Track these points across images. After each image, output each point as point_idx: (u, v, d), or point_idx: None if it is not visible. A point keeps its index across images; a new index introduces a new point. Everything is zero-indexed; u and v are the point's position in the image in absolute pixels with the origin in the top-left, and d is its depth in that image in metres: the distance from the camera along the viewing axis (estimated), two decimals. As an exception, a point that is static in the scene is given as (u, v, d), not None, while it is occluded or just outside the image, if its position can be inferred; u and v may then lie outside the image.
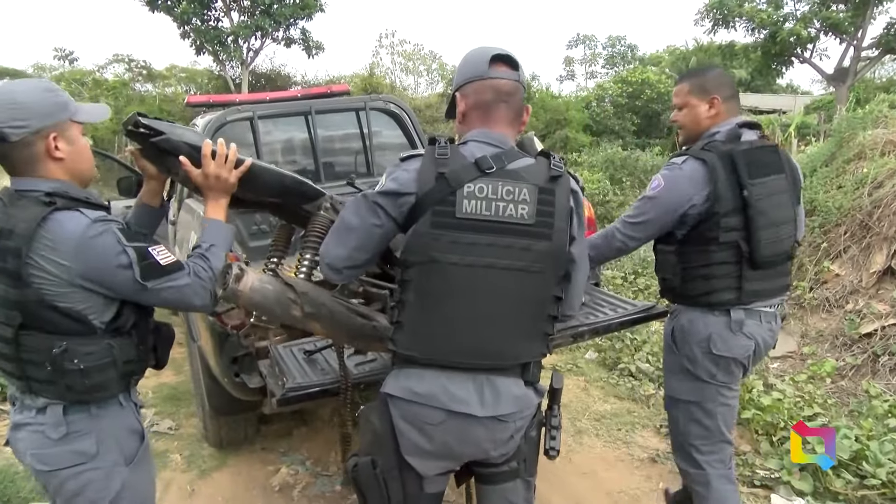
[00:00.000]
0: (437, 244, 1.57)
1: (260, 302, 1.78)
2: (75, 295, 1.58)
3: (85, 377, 1.62)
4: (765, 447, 3.36)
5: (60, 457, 1.66)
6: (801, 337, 4.85)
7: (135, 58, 26.93)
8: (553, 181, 1.61)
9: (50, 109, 1.61)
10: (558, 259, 1.63)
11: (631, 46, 44.95)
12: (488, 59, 1.68)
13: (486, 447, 1.67)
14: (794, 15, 19.28)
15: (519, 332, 1.64)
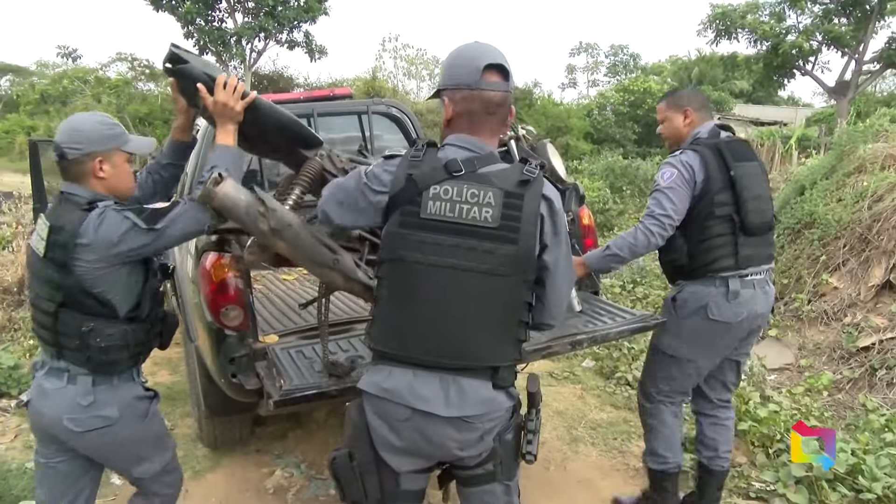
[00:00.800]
0: (405, 243, 1.63)
1: (231, 207, 1.90)
2: (108, 278, 1.94)
3: (103, 353, 1.98)
4: (761, 459, 3.35)
5: (90, 421, 2.01)
6: (799, 349, 4.85)
7: (138, 57, 27.06)
8: (522, 186, 1.62)
9: (101, 139, 2.01)
10: (525, 264, 1.64)
11: (633, 55, 45.17)
12: (481, 67, 1.67)
13: (452, 447, 1.68)
14: (797, 28, 19.35)
15: (485, 334, 1.65)
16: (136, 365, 2.12)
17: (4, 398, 4.34)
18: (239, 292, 2.57)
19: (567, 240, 1.73)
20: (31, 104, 25.46)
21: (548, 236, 1.67)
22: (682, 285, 2.73)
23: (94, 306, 1.96)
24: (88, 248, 1.89)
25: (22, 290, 5.78)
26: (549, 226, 1.67)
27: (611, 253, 2.67)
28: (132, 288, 2.02)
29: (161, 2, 21.31)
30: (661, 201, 2.58)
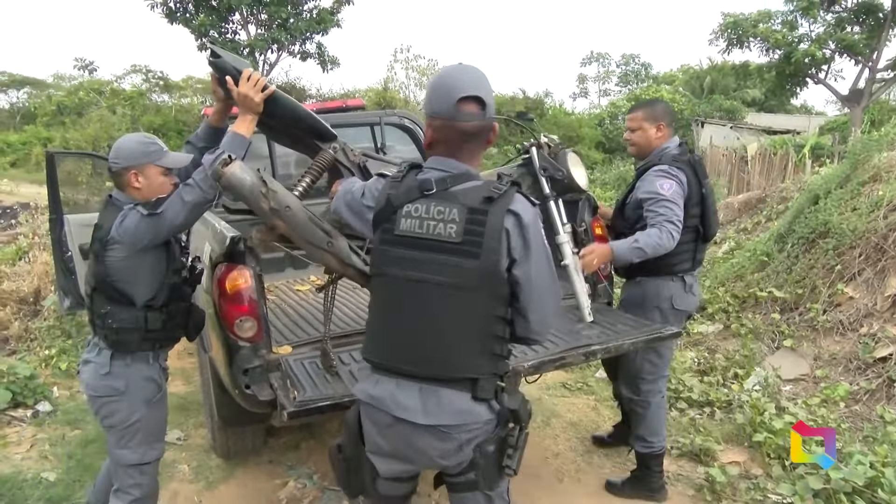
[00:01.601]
0: (384, 258, 1.78)
1: (236, 185, 2.16)
2: (128, 274, 2.33)
3: (115, 334, 2.36)
4: (776, 471, 3.31)
5: (102, 388, 2.40)
6: (814, 360, 4.79)
7: (152, 68, 27.34)
8: (487, 202, 1.68)
9: (136, 155, 2.37)
10: (491, 279, 1.68)
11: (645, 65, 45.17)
12: (456, 100, 1.73)
13: (432, 455, 1.75)
14: (809, 36, 19.28)
15: (458, 346, 1.71)
16: (152, 350, 2.46)
17: (21, 408, 4.37)
18: (253, 303, 2.58)
19: (546, 254, 1.76)
20: (48, 116, 25.72)
21: (516, 251, 1.69)
22: (642, 282, 3.15)
23: (114, 294, 2.36)
24: (117, 243, 2.29)
25: (38, 301, 5.83)
26: (518, 240, 1.69)
27: (638, 247, 2.86)
28: (151, 282, 2.38)
29: (175, 14, 21.49)
30: (674, 209, 2.88)
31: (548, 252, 1.77)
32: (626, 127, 3.22)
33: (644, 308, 3.15)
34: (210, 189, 2.25)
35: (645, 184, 3.00)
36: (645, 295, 3.15)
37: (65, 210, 3.86)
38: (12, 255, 7.06)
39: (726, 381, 4.59)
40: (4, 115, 30.35)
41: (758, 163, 14.31)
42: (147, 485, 2.53)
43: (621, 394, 3.35)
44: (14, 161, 23.02)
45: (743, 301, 5.66)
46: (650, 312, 3.13)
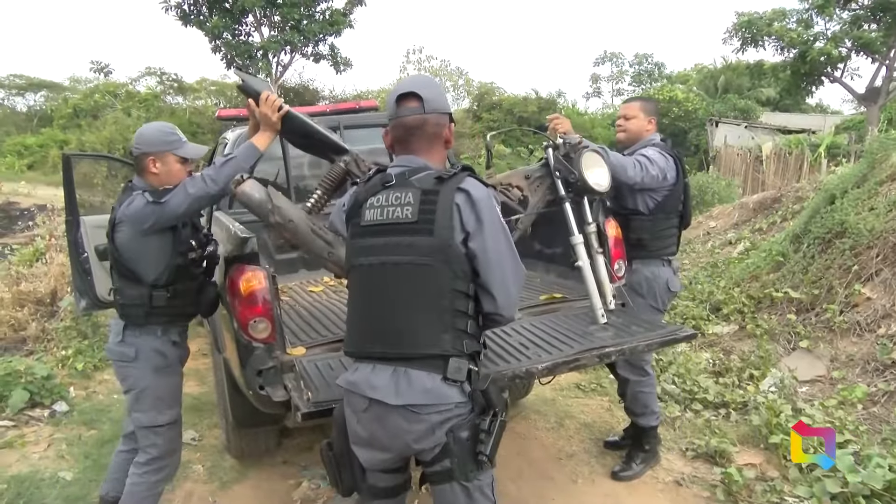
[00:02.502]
0: (353, 250, 1.93)
1: (247, 201, 2.45)
2: (137, 253, 2.56)
3: (122, 308, 2.65)
4: (793, 474, 3.28)
5: (116, 353, 2.68)
6: (831, 361, 4.74)
7: (166, 71, 27.51)
8: (438, 183, 1.82)
9: (156, 143, 2.61)
10: (445, 252, 1.77)
11: (658, 64, 44.90)
12: (395, 99, 1.94)
13: (405, 439, 1.81)
14: (825, 34, 19.09)
15: (422, 322, 1.79)
16: (161, 324, 2.67)
17: (38, 408, 4.41)
18: (267, 305, 2.58)
19: (502, 229, 1.84)
20: (64, 118, 25.94)
21: (469, 224, 1.79)
22: (638, 268, 3.36)
23: (124, 271, 2.61)
24: (123, 224, 2.53)
25: (55, 302, 5.88)
26: (469, 214, 1.79)
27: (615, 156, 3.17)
28: (157, 262, 2.59)
29: (189, 17, 21.63)
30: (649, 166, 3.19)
31: (505, 229, 1.86)
32: (621, 115, 3.49)
33: (647, 294, 3.36)
34: (213, 185, 2.49)
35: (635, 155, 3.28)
36: (644, 280, 3.36)
37: (81, 212, 3.88)
38: (30, 256, 7.12)
39: (741, 383, 4.55)
40: (22, 118, 30.60)
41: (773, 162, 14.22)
42: (162, 445, 2.74)
43: (627, 379, 3.47)
44: (31, 163, 23.24)
45: (758, 301, 5.62)
46: (651, 298, 3.36)
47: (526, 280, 3.80)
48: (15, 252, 7.75)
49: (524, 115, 24.29)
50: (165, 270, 2.61)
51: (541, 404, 4.42)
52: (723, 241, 8.21)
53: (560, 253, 3.51)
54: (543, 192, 3.15)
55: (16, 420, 4.24)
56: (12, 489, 3.40)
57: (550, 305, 3.33)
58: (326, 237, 2.49)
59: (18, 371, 4.46)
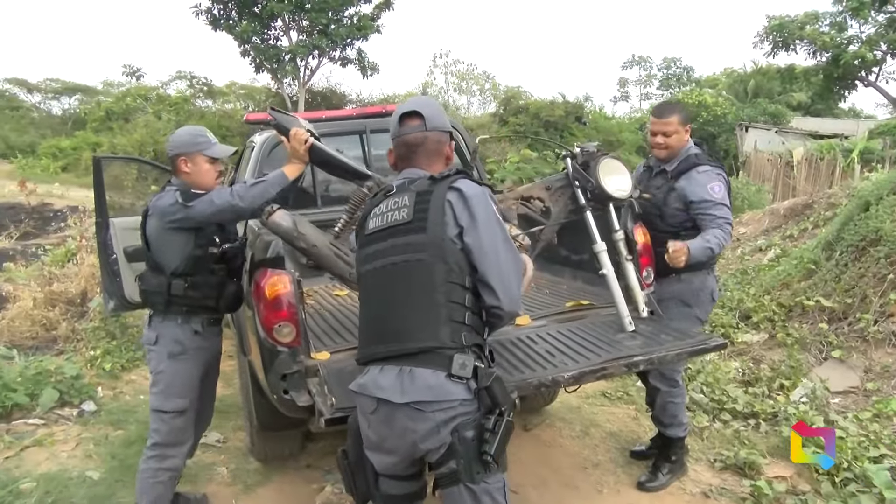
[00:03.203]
0: (361, 260, 2.01)
1: (275, 229, 2.75)
2: (163, 244, 2.76)
3: (143, 294, 2.88)
4: (826, 488, 3.20)
5: (144, 338, 2.91)
6: (865, 372, 4.64)
7: (196, 75, 27.81)
8: (432, 184, 1.91)
9: (186, 144, 2.81)
10: (439, 247, 1.83)
11: (687, 68, 44.47)
12: (398, 119, 2.05)
13: (412, 438, 1.82)
14: (859, 37, 18.80)
15: (418, 315, 1.83)
16: (181, 314, 2.81)
17: (67, 407, 4.46)
18: (291, 309, 2.58)
19: (497, 224, 1.90)
20: (97, 121, 26.32)
21: (462, 219, 1.85)
22: (686, 278, 3.23)
23: (149, 260, 2.83)
24: (153, 216, 2.75)
25: (85, 302, 5.96)
26: (462, 210, 1.85)
27: (710, 247, 3.00)
28: (178, 254, 2.76)
29: (219, 21, 21.91)
30: (726, 211, 3.10)
31: (500, 223, 1.91)
32: (659, 132, 3.24)
33: (696, 304, 3.28)
34: (239, 201, 2.71)
35: (694, 186, 3.13)
36: (694, 291, 3.26)
37: (110, 214, 3.94)
38: (61, 257, 7.25)
39: (772, 393, 4.47)
40: (57, 122, 31.16)
41: (804, 168, 14.00)
42: (164, 432, 2.86)
43: (657, 389, 3.38)
44: (65, 165, 23.62)
45: (789, 310, 5.52)
46: (699, 308, 3.28)
47: (552, 286, 3.78)
48: (48, 252, 7.90)
49: (550, 119, 24.17)
50: (184, 261, 2.77)
51: (566, 412, 4.38)
52: (753, 247, 8.08)
53: (587, 259, 3.46)
54: (565, 201, 3.13)
55: (45, 419, 4.29)
56: (41, 487, 3.44)
57: (577, 312, 3.29)
58: (348, 259, 2.74)
59: (49, 371, 4.53)
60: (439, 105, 2.15)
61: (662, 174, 3.29)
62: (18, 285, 6.68)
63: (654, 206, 3.26)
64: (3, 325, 5.77)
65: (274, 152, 4.19)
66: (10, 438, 3.98)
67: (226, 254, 2.89)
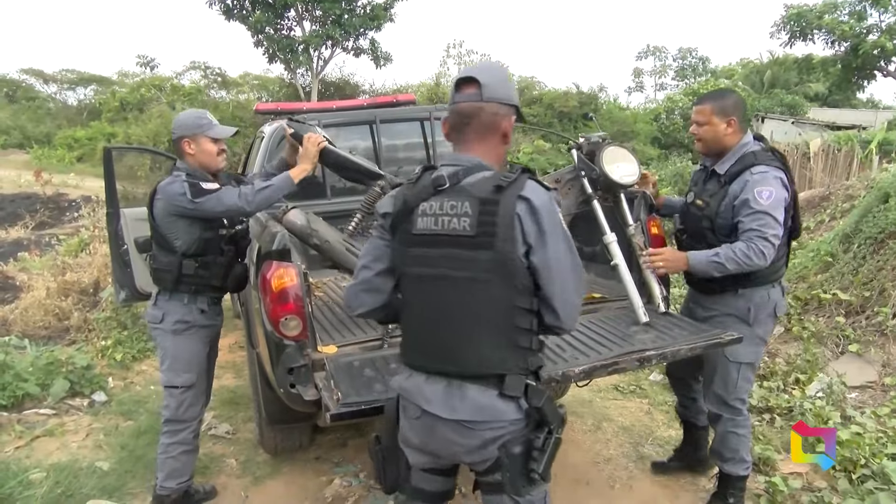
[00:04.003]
0: (404, 258, 1.81)
1: (290, 227, 2.91)
2: (169, 225, 2.83)
3: (153, 273, 2.94)
4: (843, 485, 3.14)
5: (149, 315, 3.00)
6: (883, 366, 4.56)
7: (210, 65, 27.91)
8: (497, 191, 1.67)
9: (189, 126, 2.91)
10: (507, 268, 1.66)
11: (702, 58, 44.08)
12: (454, 85, 1.83)
13: (455, 450, 1.76)
14: (879, 27, 18.53)
15: (482, 342, 1.70)
16: (189, 293, 2.91)
17: (78, 397, 4.48)
18: (298, 302, 2.56)
19: (564, 239, 1.71)
20: (112, 112, 26.47)
21: (530, 236, 1.66)
22: (745, 293, 2.82)
23: (159, 239, 2.89)
24: (159, 199, 2.82)
25: (97, 292, 5.98)
26: (531, 225, 1.66)
27: (717, 261, 2.65)
28: (189, 233, 2.85)
29: (233, 11, 21.93)
30: (771, 223, 2.60)
31: (567, 237, 1.73)
32: (693, 120, 2.92)
33: (755, 322, 2.83)
34: (247, 205, 2.80)
35: (741, 190, 2.70)
36: (753, 307, 2.82)
37: (122, 204, 3.93)
38: (75, 247, 7.29)
39: (787, 387, 4.40)
40: (72, 112, 31.37)
41: (821, 159, 13.80)
42: (173, 407, 2.97)
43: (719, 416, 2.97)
44: (80, 156, 23.80)
45: (805, 303, 5.44)
46: (759, 326, 2.84)
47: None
48: (62, 242, 7.94)
49: (565, 110, 24.06)
50: (195, 242, 2.87)
51: (578, 406, 4.34)
52: (768, 239, 7.97)
53: (599, 252, 3.40)
54: (576, 194, 3.08)
55: (57, 409, 4.31)
56: (51, 477, 3.44)
57: (589, 305, 3.24)
58: (356, 252, 2.87)
59: (60, 361, 4.55)
60: (505, 73, 1.87)
61: (716, 178, 2.86)
62: (33, 275, 6.74)
63: (706, 217, 2.84)
64: (16, 315, 5.81)
65: (283, 142, 4.16)
66: (21, 428, 3.99)
67: (235, 235, 3.02)
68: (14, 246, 9.06)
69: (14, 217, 11.73)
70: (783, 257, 2.84)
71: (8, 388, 4.24)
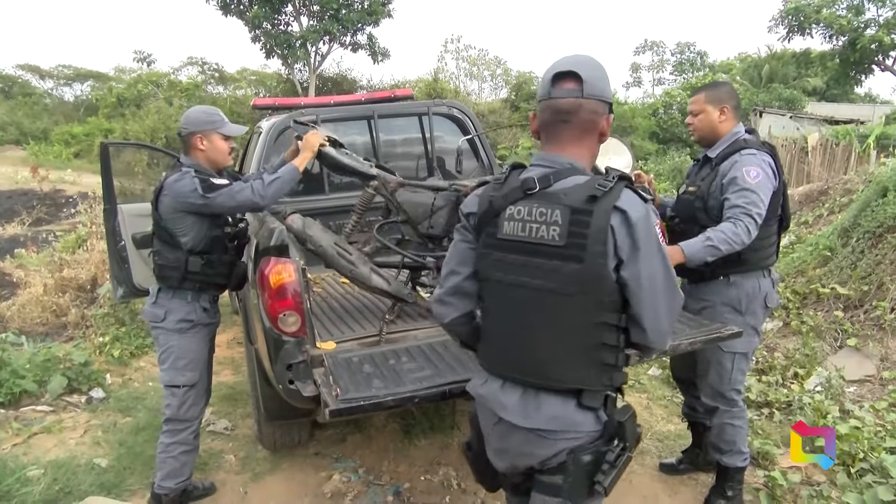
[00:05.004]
0: (487, 262, 1.74)
1: (290, 229, 2.90)
2: (175, 222, 2.82)
3: (159, 269, 2.91)
4: (841, 479, 3.15)
5: (149, 314, 2.97)
6: (881, 360, 4.57)
7: (208, 60, 27.84)
8: (591, 201, 1.57)
9: (201, 122, 2.92)
10: (594, 283, 1.58)
11: (700, 53, 43.98)
12: (551, 78, 1.70)
13: (529, 459, 1.73)
14: (877, 21, 18.52)
15: (562, 356, 1.64)
16: (193, 290, 2.91)
17: (76, 394, 4.47)
18: (297, 297, 2.55)
19: (660, 254, 1.61)
20: (109, 108, 26.42)
21: (623, 251, 1.56)
22: (737, 281, 2.88)
23: (164, 235, 2.87)
24: (166, 195, 2.80)
25: (94, 288, 5.97)
26: (625, 239, 1.56)
27: (712, 244, 2.64)
28: (196, 231, 2.86)
29: (230, 7, 21.87)
30: (757, 202, 2.66)
31: (663, 253, 1.63)
32: (689, 111, 3.03)
33: (747, 311, 2.87)
34: (260, 199, 2.84)
35: (732, 168, 2.75)
36: (745, 296, 2.87)
37: (119, 200, 3.92)
38: (72, 243, 7.27)
39: (786, 382, 4.40)
40: (69, 108, 31.32)
41: (819, 154, 13.81)
42: (175, 407, 2.96)
43: (715, 408, 2.99)
44: (77, 152, 23.73)
45: (804, 297, 5.44)
46: (751, 315, 2.88)
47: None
48: (59, 239, 7.91)
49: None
50: (203, 239, 2.88)
51: (576, 400, 4.33)
52: (767, 234, 7.98)
53: None
54: None
55: (54, 405, 4.30)
56: (49, 474, 3.43)
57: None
58: (349, 258, 3.04)
59: (57, 357, 4.54)
60: (603, 67, 1.74)
61: (708, 163, 2.93)
62: (30, 271, 6.72)
63: (698, 198, 2.88)
64: (13, 312, 5.81)
65: (281, 138, 4.16)
66: (18, 425, 3.98)
67: (238, 233, 3.08)
68: (11, 242, 9.04)
69: (11, 213, 11.71)
70: (772, 245, 2.90)
71: (5, 384, 4.23)
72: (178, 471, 3.00)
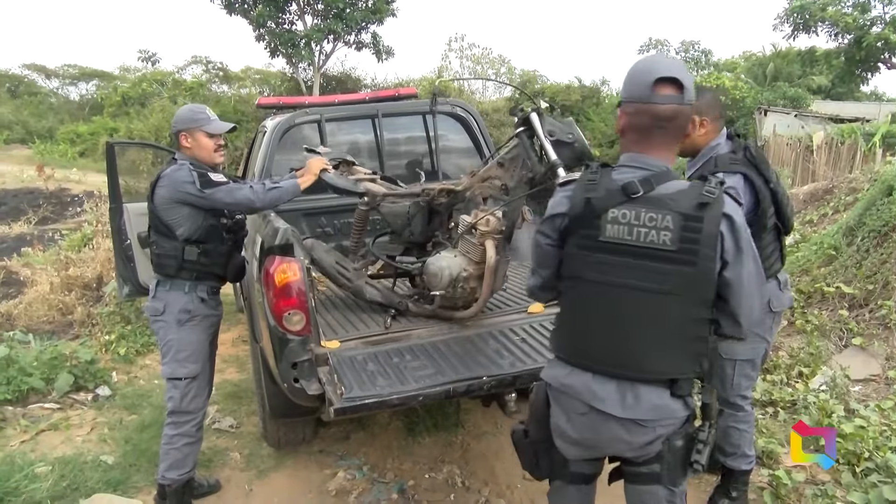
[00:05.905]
0: (583, 264, 1.76)
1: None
2: (170, 212, 2.86)
3: (157, 259, 2.94)
4: (846, 478, 3.14)
5: (149, 308, 3.01)
6: (886, 360, 4.56)
7: (212, 59, 27.81)
8: (701, 208, 1.65)
9: (186, 121, 2.98)
10: (703, 284, 1.68)
11: (705, 51, 43.69)
12: (652, 81, 1.69)
13: (621, 447, 1.80)
14: (883, 18, 18.44)
15: (662, 350, 1.72)
16: (190, 279, 2.94)
17: (82, 391, 4.49)
18: (301, 296, 2.56)
19: (753, 252, 1.72)
20: (114, 107, 26.42)
21: (728, 253, 1.68)
22: None
23: (160, 226, 2.91)
24: (162, 186, 2.85)
25: (100, 286, 5.99)
26: (730, 242, 1.67)
27: None
28: (192, 221, 2.89)
29: (234, 6, 21.86)
30: None
31: (755, 251, 1.74)
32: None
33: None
34: (256, 202, 2.93)
35: None
36: None
37: (124, 199, 3.94)
38: (78, 241, 7.29)
39: (790, 381, 4.39)
40: (74, 107, 31.34)
41: (824, 152, 13.78)
42: (177, 399, 2.98)
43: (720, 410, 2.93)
44: (83, 151, 23.77)
45: (808, 296, 5.43)
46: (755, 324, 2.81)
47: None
48: (65, 237, 7.94)
49: (567, 104, 23.98)
50: (199, 229, 2.91)
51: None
52: (771, 233, 7.95)
53: None
54: (519, 172, 2.90)
55: (61, 403, 4.33)
56: (56, 471, 3.46)
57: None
58: (345, 273, 3.29)
59: (64, 355, 4.56)
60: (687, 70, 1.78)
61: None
62: (36, 270, 6.75)
63: None
64: (20, 310, 5.83)
65: (285, 137, 4.17)
66: (25, 422, 4.01)
67: (234, 224, 3.11)
68: (17, 241, 9.07)
69: (17, 212, 11.75)
70: (773, 253, 2.81)
71: (13, 382, 4.26)
72: (182, 462, 3.01)
